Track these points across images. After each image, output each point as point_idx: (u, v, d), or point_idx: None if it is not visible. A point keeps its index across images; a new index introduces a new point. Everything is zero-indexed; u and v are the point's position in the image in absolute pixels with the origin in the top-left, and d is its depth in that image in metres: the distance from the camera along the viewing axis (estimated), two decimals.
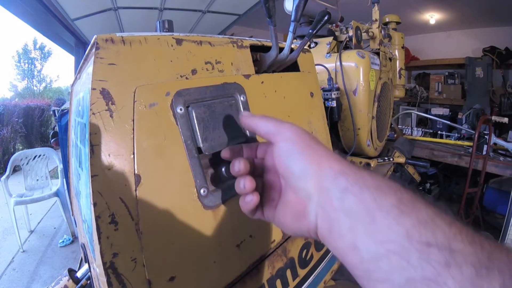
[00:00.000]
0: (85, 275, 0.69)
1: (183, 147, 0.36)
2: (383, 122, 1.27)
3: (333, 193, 0.23)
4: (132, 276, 0.30)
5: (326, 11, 0.49)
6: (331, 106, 1.01)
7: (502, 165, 1.84)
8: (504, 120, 1.98)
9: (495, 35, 3.54)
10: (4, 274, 2.06)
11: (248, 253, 0.43)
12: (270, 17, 0.40)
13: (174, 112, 0.35)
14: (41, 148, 2.91)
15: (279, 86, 0.51)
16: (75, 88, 0.61)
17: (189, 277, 0.35)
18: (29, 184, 2.60)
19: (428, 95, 3.97)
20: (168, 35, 0.37)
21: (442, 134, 2.61)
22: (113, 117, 0.31)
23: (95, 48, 0.30)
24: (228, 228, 0.40)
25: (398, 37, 1.64)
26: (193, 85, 0.37)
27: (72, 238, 2.44)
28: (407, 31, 2.87)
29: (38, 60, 13.03)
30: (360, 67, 1.04)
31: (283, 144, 0.27)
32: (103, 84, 0.30)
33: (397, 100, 1.71)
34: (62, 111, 1.89)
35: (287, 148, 0.26)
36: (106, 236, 0.29)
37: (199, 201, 0.36)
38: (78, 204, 0.55)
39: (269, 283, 0.46)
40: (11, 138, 5.22)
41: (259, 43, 0.50)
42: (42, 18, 2.43)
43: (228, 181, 0.39)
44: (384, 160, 1.26)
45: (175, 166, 0.35)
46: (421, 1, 3.14)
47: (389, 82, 1.30)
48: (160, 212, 0.33)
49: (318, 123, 0.61)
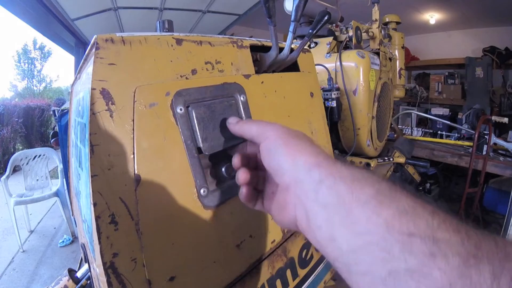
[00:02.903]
0: (85, 275, 0.69)
1: (183, 147, 0.36)
2: (383, 122, 1.27)
3: (307, 185, 0.24)
4: (132, 276, 0.30)
5: (326, 11, 0.49)
6: (331, 106, 1.01)
7: (502, 165, 1.84)
8: (504, 120, 1.98)
9: (495, 35, 3.54)
10: (4, 274, 2.05)
11: (248, 253, 0.43)
12: (270, 17, 0.40)
13: (174, 112, 0.35)
14: (41, 148, 2.91)
15: (279, 86, 0.51)
16: (75, 88, 0.61)
17: (189, 277, 0.35)
18: (29, 184, 2.60)
19: (428, 95, 3.97)
20: (168, 35, 0.37)
21: (442, 134, 2.62)
22: (113, 117, 0.31)
23: (95, 48, 0.30)
24: (228, 228, 0.40)
25: (398, 37, 1.64)
26: (193, 85, 0.37)
27: (72, 238, 2.44)
28: (407, 31, 2.88)
29: (38, 60, 13.04)
30: (360, 67, 1.04)
31: (265, 144, 0.28)
32: (103, 84, 0.30)
33: (397, 100, 1.71)
34: (62, 111, 1.89)
35: (268, 147, 0.28)
36: (106, 236, 0.29)
37: (199, 201, 0.36)
38: (78, 204, 0.55)
39: (269, 283, 0.46)
40: (11, 138, 5.22)
41: (259, 43, 0.50)
42: (42, 18, 2.43)
43: (228, 181, 0.39)
44: (384, 160, 1.26)
45: (175, 166, 0.35)
46: (421, 1, 3.14)
47: (389, 82, 1.30)
48: (160, 212, 0.33)
49: (318, 123, 0.61)
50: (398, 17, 1.71)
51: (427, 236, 0.18)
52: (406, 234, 0.18)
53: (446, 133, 2.61)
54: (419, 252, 0.17)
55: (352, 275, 0.20)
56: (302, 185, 0.24)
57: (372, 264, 0.19)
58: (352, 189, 0.21)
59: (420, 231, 0.18)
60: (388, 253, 0.18)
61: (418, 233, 0.18)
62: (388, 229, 0.19)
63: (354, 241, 0.20)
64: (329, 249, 0.22)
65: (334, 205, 0.21)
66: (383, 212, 0.19)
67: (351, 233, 0.20)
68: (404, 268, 0.17)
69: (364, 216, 0.20)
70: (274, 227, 0.47)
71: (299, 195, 0.25)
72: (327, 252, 0.22)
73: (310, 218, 0.23)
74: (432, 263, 0.17)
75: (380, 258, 0.18)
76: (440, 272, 0.16)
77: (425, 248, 0.17)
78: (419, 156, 2.11)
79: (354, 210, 0.20)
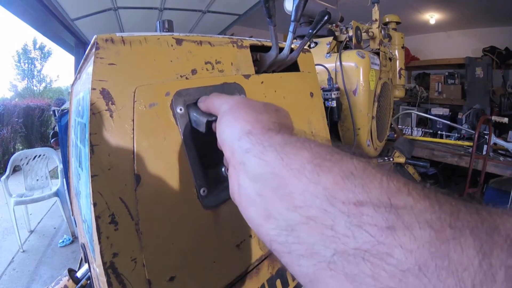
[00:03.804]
0: (85, 275, 0.69)
1: (183, 147, 0.36)
2: (383, 122, 1.27)
3: (237, 156, 0.21)
4: (132, 276, 0.30)
5: (326, 11, 0.49)
6: (331, 106, 1.01)
7: (502, 165, 1.84)
8: (504, 120, 1.98)
9: (495, 35, 3.54)
10: (4, 274, 2.06)
11: (248, 253, 0.43)
12: (270, 17, 0.40)
13: (174, 112, 0.35)
14: (41, 148, 2.91)
15: (279, 86, 0.51)
16: (75, 88, 0.61)
17: (189, 277, 0.35)
18: (29, 184, 2.60)
19: (428, 95, 3.97)
20: (168, 35, 0.37)
21: (442, 134, 2.62)
22: (113, 117, 0.31)
23: (95, 48, 0.30)
24: (228, 228, 0.40)
25: (398, 37, 1.64)
26: (193, 85, 0.37)
27: (72, 238, 2.44)
28: (407, 31, 2.87)
29: (38, 60, 13.05)
30: (360, 67, 1.04)
31: (219, 117, 0.26)
32: (103, 84, 0.30)
33: (397, 100, 1.72)
34: (62, 111, 1.89)
35: (218, 120, 0.26)
36: (106, 236, 0.29)
37: (199, 201, 0.36)
38: (78, 204, 0.55)
39: (269, 283, 0.46)
40: (11, 138, 5.22)
41: (259, 43, 0.50)
42: (42, 18, 2.43)
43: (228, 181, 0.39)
44: (384, 160, 1.26)
45: (175, 166, 0.35)
46: (421, 1, 3.14)
47: (389, 82, 1.30)
48: (160, 212, 0.33)
49: (318, 123, 0.61)
50: (398, 17, 1.71)
51: (382, 203, 0.14)
52: (352, 203, 0.14)
53: (446, 133, 2.61)
54: (371, 226, 0.13)
55: (293, 257, 0.16)
56: (235, 155, 0.22)
57: (314, 244, 0.15)
58: (282, 155, 0.18)
59: (372, 197, 0.14)
60: (331, 229, 0.14)
61: (369, 200, 0.14)
62: (330, 199, 0.15)
63: (292, 217, 0.16)
64: (264, 228, 0.18)
65: (264, 176, 0.18)
66: (322, 178, 0.16)
67: (287, 207, 0.16)
68: (353, 247, 0.13)
69: (300, 185, 0.16)
70: None
71: (234, 166, 0.22)
72: (261, 232, 0.19)
73: (241, 194, 0.21)
74: (391, 239, 0.13)
75: (323, 236, 0.14)
76: (403, 250, 0.12)
77: (379, 219, 0.13)
78: (419, 156, 2.10)
79: (286, 180, 0.17)
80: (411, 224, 0.13)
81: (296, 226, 0.16)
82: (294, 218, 0.16)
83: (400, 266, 0.12)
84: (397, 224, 0.13)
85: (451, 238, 0.12)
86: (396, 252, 0.12)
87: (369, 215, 0.13)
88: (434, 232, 0.12)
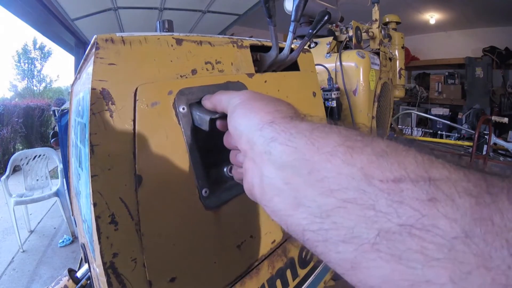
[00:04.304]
0: (85, 275, 0.69)
1: (185, 147, 0.35)
2: (383, 122, 1.27)
3: (259, 146, 0.20)
4: (132, 276, 0.30)
5: (326, 11, 0.49)
6: (331, 106, 1.01)
7: (502, 165, 1.84)
8: (504, 120, 1.98)
9: (495, 35, 3.54)
10: (4, 274, 2.05)
11: (249, 253, 0.43)
12: (270, 17, 0.40)
13: (176, 112, 0.35)
14: (41, 148, 2.91)
15: (282, 85, 0.51)
16: (75, 88, 0.61)
17: (190, 278, 0.35)
18: (29, 184, 2.60)
19: (428, 95, 3.98)
20: (168, 35, 0.37)
21: (442, 134, 2.62)
22: (113, 117, 0.30)
23: (95, 48, 0.30)
24: (229, 229, 0.40)
25: (398, 37, 1.64)
26: (195, 84, 0.37)
27: (72, 238, 2.44)
28: (407, 31, 2.87)
29: (38, 60, 13.05)
30: (360, 67, 1.04)
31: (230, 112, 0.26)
32: (103, 84, 0.30)
33: (397, 100, 1.72)
34: (62, 111, 1.89)
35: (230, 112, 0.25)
36: (106, 236, 0.29)
37: (201, 201, 0.36)
38: (78, 204, 0.55)
39: (269, 283, 0.45)
40: (11, 138, 5.22)
41: (259, 43, 0.50)
42: (42, 18, 2.43)
43: (230, 182, 0.39)
44: None
45: (176, 166, 0.35)
46: (421, 1, 3.14)
47: (389, 82, 1.30)
48: (161, 213, 0.33)
49: None
50: (398, 17, 1.71)
51: (420, 177, 0.14)
52: (391, 180, 0.14)
53: (446, 133, 2.62)
54: (413, 200, 0.13)
55: (330, 245, 0.15)
56: (255, 147, 0.21)
57: (354, 227, 0.14)
58: (312, 140, 0.17)
59: (409, 172, 0.14)
60: (373, 209, 0.14)
61: (406, 175, 0.14)
62: (367, 179, 0.15)
63: (326, 202, 0.16)
64: (294, 218, 0.17)
65: (293, 163, 0.18)
66: (356, 159, 0.15)
67: (321, 193, 0.16)
68: (398, 224, 0.13)
69: (333, 168, 0.16)
70: (274, 227, 0.47)
71: (254, 159, 0.21)
72: (291, 223, 0.18)
73: (265, 185, 0.20)
74: (434, 211, 0.13)
75: (364, 217, 0.14)
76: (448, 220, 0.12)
77: (420, 193, 0.13)
78: None
79: (317, 164, 0.16)
80: (451, 194, 0.13)
81: (331, 211, 0.15)
82: (329, 203, 0.15)
83: (447, 235, 0.12)
84: (438, 196, 0.13)
85: (491, 202, 0.12)
86: (441, 223, 0.12)
87: (409, 189, 0.13)
88: (474, 199, 0.12)
